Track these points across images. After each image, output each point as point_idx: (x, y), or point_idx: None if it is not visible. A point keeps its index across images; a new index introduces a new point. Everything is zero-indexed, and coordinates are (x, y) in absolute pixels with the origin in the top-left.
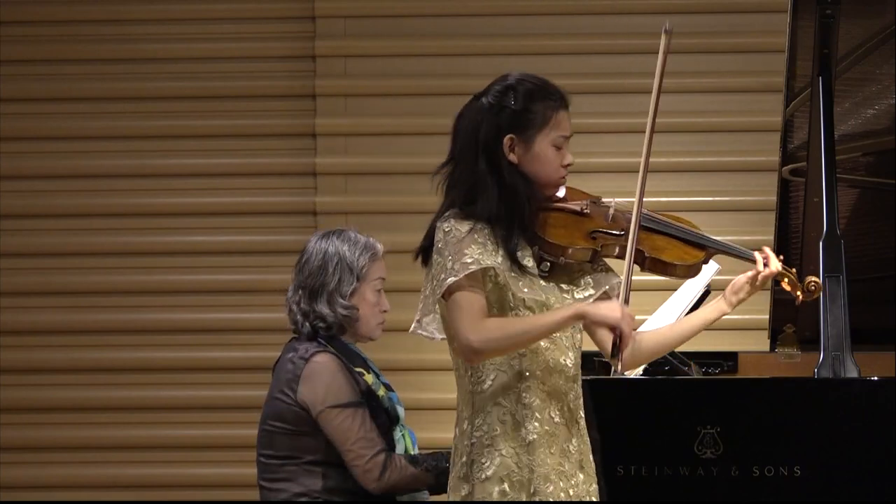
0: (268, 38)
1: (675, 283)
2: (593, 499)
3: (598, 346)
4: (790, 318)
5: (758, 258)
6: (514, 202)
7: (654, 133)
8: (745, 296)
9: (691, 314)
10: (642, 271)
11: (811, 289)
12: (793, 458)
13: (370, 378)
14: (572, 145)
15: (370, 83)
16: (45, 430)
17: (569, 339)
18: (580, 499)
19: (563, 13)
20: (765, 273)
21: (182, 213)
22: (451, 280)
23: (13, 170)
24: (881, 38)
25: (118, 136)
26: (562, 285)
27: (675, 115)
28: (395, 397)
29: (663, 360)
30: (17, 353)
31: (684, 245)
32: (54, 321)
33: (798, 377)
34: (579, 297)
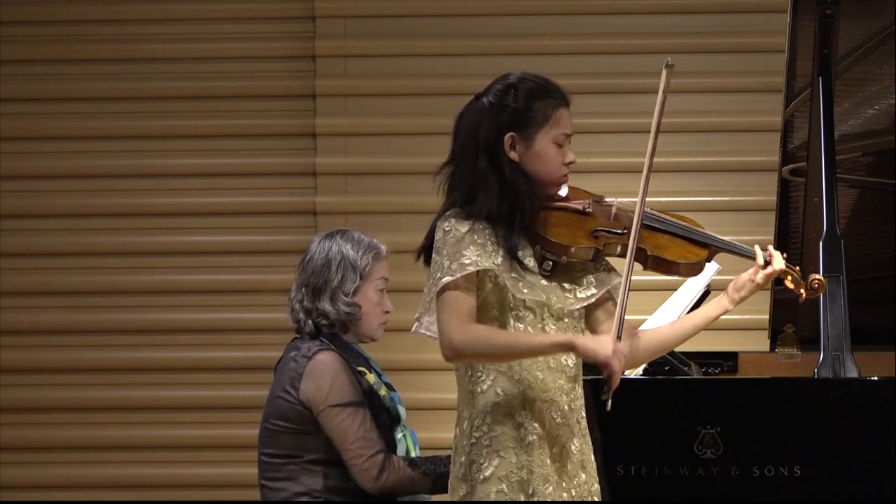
0: (268, 38)
1: (675, 283)
2: (595, 499)
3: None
4: (790, 318)
5: (760, 255)
6: (516, 200)
7: (657, 140)
8: (748, 293)
9: (692, 312)
10: (645, 270)
11: (815, 286)
12: (793, 458)
13: (372, 378)
14: (572, 145)
15: (370, 83)
16: (45, 430)
17: None
18: (582, 499)
19: (563, 13)
20: (768, 271)
21: (182, 213)
22: (446, 279)
23: (13, 170)
24: (881, 38)
25: (118, 136)
26: (564, 285)
27: (675, 115)
28: (396, 397)
29: (663, 360)
30: (17, 353)
31: (687, 243)
32: (54, 321)
33: (798, 377)
34: (581, 296)
